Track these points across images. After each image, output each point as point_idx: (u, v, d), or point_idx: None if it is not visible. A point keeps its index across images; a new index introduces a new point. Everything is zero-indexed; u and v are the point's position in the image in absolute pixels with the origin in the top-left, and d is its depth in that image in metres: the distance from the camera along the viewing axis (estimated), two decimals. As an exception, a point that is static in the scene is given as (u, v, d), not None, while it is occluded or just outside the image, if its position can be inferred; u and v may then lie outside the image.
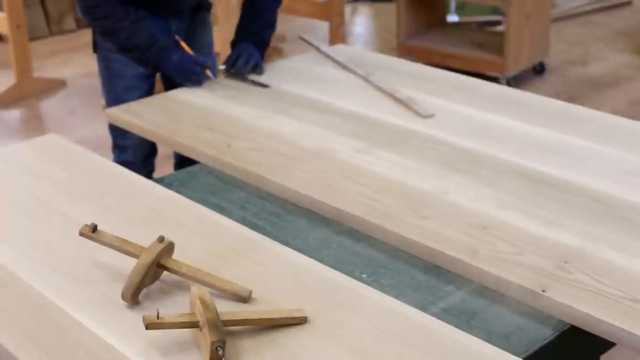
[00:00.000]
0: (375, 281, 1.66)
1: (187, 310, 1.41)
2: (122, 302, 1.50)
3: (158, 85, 2.80)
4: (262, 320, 1.42)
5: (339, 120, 2.32)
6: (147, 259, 1.50)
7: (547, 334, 1.51)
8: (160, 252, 1.52)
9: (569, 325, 1.51)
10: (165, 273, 1.56)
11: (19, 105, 4.84)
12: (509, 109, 2.36)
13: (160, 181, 2.11)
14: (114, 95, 2.69)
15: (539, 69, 5.09)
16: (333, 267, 1.63)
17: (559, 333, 1.51)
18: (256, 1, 2.72)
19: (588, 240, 1.69)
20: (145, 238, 1.59)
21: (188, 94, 2.54)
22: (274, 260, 1.64)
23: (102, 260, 1.63)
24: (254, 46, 2.69)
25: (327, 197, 1.90)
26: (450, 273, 1.67)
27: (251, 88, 2.58)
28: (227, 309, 1.43)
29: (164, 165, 3.18)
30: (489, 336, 1.48)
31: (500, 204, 1.84)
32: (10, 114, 4.78)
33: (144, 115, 2.40)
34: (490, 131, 2.22)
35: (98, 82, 2.81)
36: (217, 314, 1.35)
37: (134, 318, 1.45)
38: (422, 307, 1.54)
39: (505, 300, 1.59)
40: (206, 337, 1.32)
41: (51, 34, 6.13)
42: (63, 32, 6.18)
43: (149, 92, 2.72)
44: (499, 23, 5.89)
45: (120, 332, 1.43)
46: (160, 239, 1.54)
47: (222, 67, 2.64)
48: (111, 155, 2.78)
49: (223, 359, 1.32)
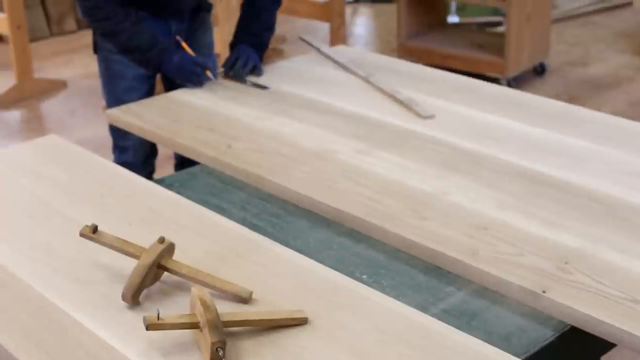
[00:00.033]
0: (375, 282, 1.66)
1: (188, 311, 1.41)
2: (123, 303, 1.50)
3: (158, 86, 2.80)
4: (263, 321, 1.42)
5: (340, 121, 2.32)
6: (148, 259, 1.50)
7: (548, 335, 1.50)
8: (160, 253, 1.52)
9: (570, 326, 1.51)
10: (165, 274, 1.55)
11: (20, 106, 4.84)
12: (510, 110, 2.36)
13: (160, 182, 2.11)
14: (114, 96, 2.69)
15: (539, 70, 5.09)
16: (333, 268, 1.63)
17: (559, 334, 1.51)
18: (255, 3, 2.71)
19: (588, 241, 1.69)
20: (145, 239, 1.59)
21: (188, 95, 2.54)
22: (275, 261, 1.64)
23: (103, 261, 1.64)
24: (252, 48, 2.68)
25: (328, 198, 1.90)
26: (451, 274, 1.67)
27: (251, 89, 2.58)
28: (228, 310, 1.43)
29: (164, 166, 3.18)
30: (489, 337, 1.48)
31: (501, 204, 1.84)
32: (10, 115, 4.78)
33: (145, 116, 2.40)
34: (490, 132, 2.22)
35: (98, 83, 2.81)
36: (218, 315, 1.35)
37: (135, 319, 1.45)
38: (423, 308, 1.54)
39: (505, 301, 1.59)
40: (206, 338, 1.32)
41: (52, 34, 6.13)
42: (64, 33, 6.18)
43: (150, 93, 2.72)
44: (499, 24, 5.89)
45: (121, 333, 1.43)
46: (161, 240, 1.54)
47: (221, 70, 2.64)
48: (111, 156, 2.78)
49: (223, 359, 1.32)
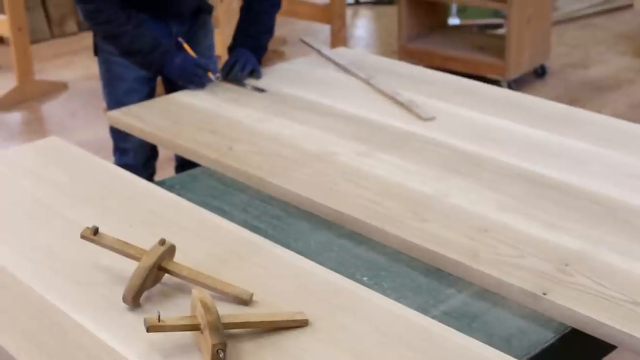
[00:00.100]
0: (376, 284, 1.66)
1: (188, 313, 1.41)
2: (123, 305, 1.50)
3: (159, 88, 2.80)
4: (263, 323, 1.42)
5: (340, 123, 2.32)
6: (148, 261, 1.50)
7: (548, 337, 1.51)
8: (161, 255, 1.52)
9: (570, 328, 1.51)
10: (166, 276, 1.55)
11: (21, 108, 4.84)
12: (510, 112, 2.36)
13: (161, 184, 2.11)
14: (114, 98, 2.69)
15: (540, 72, 5.09)
16: (334, 270, 1.63)
17: (560, 336, 1.51)
18: (254, 5, 2.70)
19: (589, 243, 1.69)
20: (146, 241, 1.59)
21: (189, 97, 2.54)
22: (275, 263, 1.64)
23: (103, 262, 1.64)
24: (251, 51, 2.67)
25: (329, 200, 1.90)
26: (451, 276, 1.67)
27: (252, 91, 2.58)
28: (228, 312, 1.43)
29: (165, 168, 3.18)
30: (490, 339, 1.48)
31: (501, 206, 1.84)
32: (11, 117, 4.78)
33: (145, 118, 2.40)
34: (491, 134, 2.22)
35: (99, 85, 2.81)
36: (218, 317, 1.35)
37: (135, 321, 1.45)
38: (423, 310, 1.54)
39: (506, 303, 1.59)
40: (207, 340, 1.32)
41: (53, 36, 6.13)
42: (64, 35, 6.18)
43: (150, 95, 2.72)
44: (500, 26, 5.89)
45: (122, 335, 1.43)
46: (162, 242, 1.54)
47: (218, 75, 2.63)
48: (112, 158, 2.78)
49: (224, 361, 1.32)
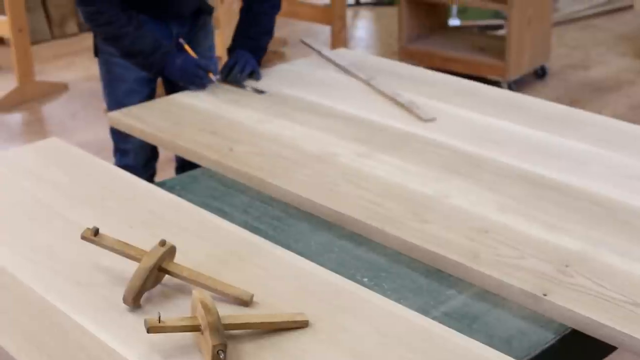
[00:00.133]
0: (376, 285, 1.66)
1: (189, 314, 1.41)
2: (124, 306, 1.50)
3: (159, 89, 2.80)
4: (264, 324, 1.42)
5: (341, 124, 2.32)
6: (149, 262, 1.51)
7: (549, 338, 1.51)
8: (161, 256, 1.52)
9: (570, 329, 1.51)
10: (166, 277, 1.55)
11: (21, 109, 4.85)
12: (510, 113, 2.36)
13: (161, 185, 2.11)
14: (115, 99, 2.69)
15: (540, 73, 5.09)
16: (334, 271, 1.63)
17: (560, 337, 1.51)
18: (254, 7, 2.69)
19: (589, 244, 1.69)
20: (146, 242, 1.59)
21: (190, 98, 2.54)
22: (276, 264, 1.65)
23: (104, 263, 1.64)
24: (250, 53, 2.67)
25: (329, 201, 1.90)
26: (452, 277, 1.67)
27: (252, 92, 2.58)
28: (229, 313, 1.43)
29: (165, 169, 3.18)
30: (490, 340, 1.48)
31: (502, 207, 1.84)
32: (12, 118, 4.78)
33: (146, 119, 2.40)
34: (491, 135, 2.22)
35: (100, 86, 2.81)
36: (219, 318, 1.35)
37: (136, 322, 1.45)
38: (424, 311, 1.54)
39: (506, 304, 1.59)
40: (207, 341, 1.32)
41: (53, 37, 6.14)
42: (65, 36, 6.19)
43: (150, 96, 2.72)
44: (500, 27, 5.89)
45: (122, 336, 1.43)
46: (162, 243, 1.54)
47: (218, 76, 2.63)
48: (112, 159, 2.78)
49: (224, 362, 1.32)
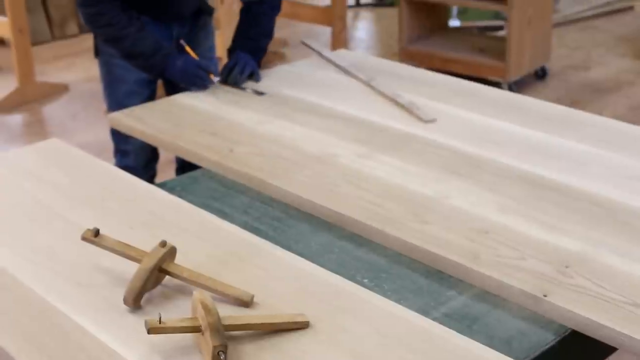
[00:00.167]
0: (376, 286, 1.66)
1: (189, 315, 1.41)
2: (124, 307, 1.50)
3: (160, 90, 2.80)
4: (264, 325, 1.42)
5: (341, 125, 2.32)
6: (149, 263, 1.51)
7: (549, 339, 1.51)
8: (162, 257, 1.52)
9: (570, 330, 1.51)
10: (167, 277, 1.56)
11: (22, 110, 4.85)
12: (511, 114, 2.36)
13: (162, 186, 2.11)
14: (115, 100, 2.69)
15: (540, 74, 5.10)
16: (335, 272, 1.63)
17: (560, 338, 1.51)
18: (254, 8, 2.69)
19: (589, 245, 1.69)
20: (147, 242, 1.59)
21: (190, 99, 2.54)
22: (276, 264, 1.65)
23: (104, 264, 1.64)
24: (250, 54, 2.67)
25: (329, 202, 1.90)
26: (452, 278, 1.67)
27: (251, 94, 2.58)
28: (229, 314, 1.43)
29: (165, 170, 3.18)
30: (490, 341, 1.48)
31: (502, 208, 1.84)
32: (12, 119, 4.79)
33: (147, 120, 2.40)
34: (491, 136, 2.22)
35: (100, 87, 2.81)
36: (219, 319, 1.35)
37: (136, 322, 1.45)
38: (424, 312, 1.54)
39: (506, 305, 1.59)
40: (208, 342, 1.32)
41: (54, 38, 6.14)
42: (65, 37, 6.19)
43: (151, 97, 2.72)
44: (500, 28, 5.89)
45: (122, 337, 1.43)
46: (162, 244, 1.54)
47: (218, 78, 2.63)
48: (113, 160, 2.79)
49: (225, 363, 1.32)
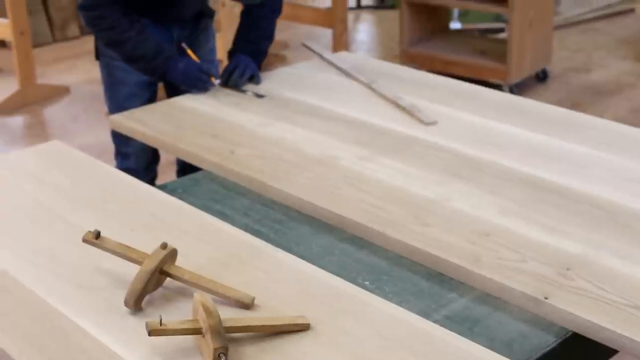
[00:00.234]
0: (378, 288, 1.66)
1: (190, 317, 1.41)
2: (125, 309, 1.50)
3: (161, 92, 2.80)
4: (265, 327, 1.42)
5: (342, 127, 2.32)
6: (150, 265, 1.51)
7: (550, 341, 1.51)
8: (163, 259, 1.52)
9: (571, 333, 1.51)
10: (168, 280, 1.56)
11: (23, 112, 4.85)
12: (512, 116, 2.36)
13: (163, 188, 2.11)
14: (116, 103, 2.70)
15: (541, 76, 5.10)
16: (336, 274, 1.63)
17: (561, 340, 1.51)
18: (254, 11, 2.69)
19: (590, 247, 1.69)
20: (148, 245, 1.59)
21: (191, 101, 2.54)
22: (277, 267, 1.65)
23: (105, 266, 1.64)
24: (250, 57, 2.66)
25: (330, 204, 1.90)
26: (453, 280, 1.67)
27: (252, 97, 2.58)
28: (230, 316, 1.43)
29: (166, 172, 3.18)
30: (491, 343, 1.48)
31: (503, 211, 1.84)
32: (13, 121, 4.79)
33: (148, 122, 2.40)
34: (492, 138, 2.22)
35: (101, 89, 2.81)
36: (220, 321, 1.35)
37: (137, 324, 1.45)
38: (425, 314, 1.54)
39: (507, 308, 1.59)
40: (209, 344, 1.32)
41: (55, 40, 6.14)
42: (67, 39, 6.19)
43: (151, 100, 2.72)
44: (501, 30, 5.89)
45: (123, 339, 1.43)
46: (163, 246, 1.54)
47: (218, 80, 2.63)
48: (114, 162, 2.79)
49: (226, 365, 1.32)
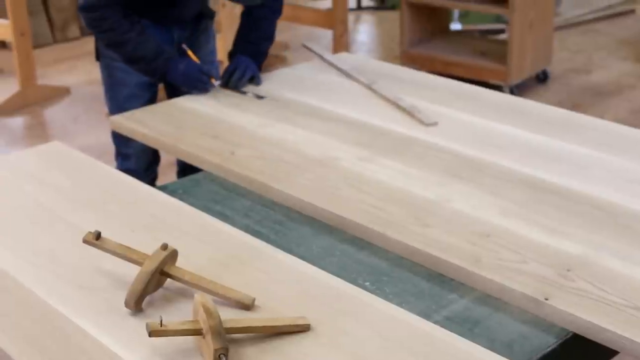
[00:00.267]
0: (378, 289, 1.66)
1: (190, 318, 1.41)
2: (126, 310, 1.50)
3: (161, 93, 2.80)
4: (265, 328, 1.42)
5: (342, 128, 2.32)
6: (151, 266, 1.51)
7: (550, 342, 1.51)
8: (163, 260, 1.52)
9: (572, 334, 1.51)
10: (168, 280, 1.56)
11: (23, 113, 4.85)
12: (512, 117, 2.36)
13: (163, 189, 2.11)
14: (116, 104, 2.70)
15: (542, 77, 5.10)
16: (336, 275, 1.63)
17: (561, 341, 1.51)
18: (254, 12, 2.69)
19: (590, 248, 1.69)
20: (148, 245, 1.59)
21: (192, 102, 2.54)
22: (277, 267, 1.65)
23: (106, 267, 1.64)
24: (250, 58, 2.66)
25: (331, 205, 1.90)
26: (453, 281, 1.67)
27: (252, 98, 2.58)
28: (230, 317, 1.43)
29: (166, 173, 3.18)
30: (491, 344, 1.48)
31: (503, 212, 1.84)
32: (14, 122, 4.79)
33: (148, 123, 2.40)
34: (493, 139, 2.22)
35: (102, 90, 2.81)
36: (220, 322, 1.35)
37: (137, 325, 1.45)
38: (425, 315, 1.54)
39: (508, 308, 1.59)
40: (209, 345, 1.32)
41: (55, 41, 6.14)
42: (67, 40, 6.19)
43: (152, 101, 2.72)
44: (502, 31, 5.89)
45: (124, 340, 1.43)
46: (164, 247, 1.54)
47: (217, 83, 2.63)
48: (114, 163, 2.79)
49: (226, 366, 1.32)
